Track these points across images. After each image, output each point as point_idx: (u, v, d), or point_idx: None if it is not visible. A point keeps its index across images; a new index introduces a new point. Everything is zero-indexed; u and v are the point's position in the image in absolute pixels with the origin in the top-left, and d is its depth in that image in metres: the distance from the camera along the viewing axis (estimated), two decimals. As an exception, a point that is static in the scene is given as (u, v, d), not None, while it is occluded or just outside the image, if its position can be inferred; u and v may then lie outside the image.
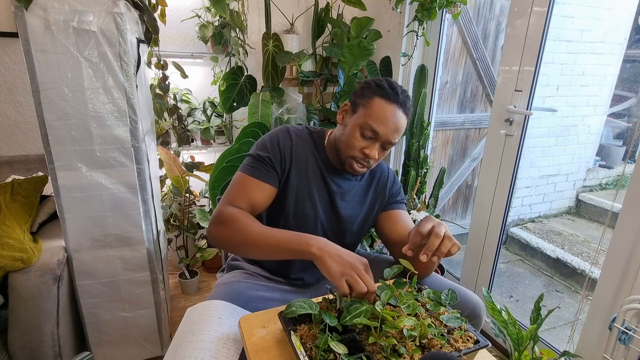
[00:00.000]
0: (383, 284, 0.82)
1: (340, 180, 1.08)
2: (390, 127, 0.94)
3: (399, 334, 0.73)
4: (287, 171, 1.02)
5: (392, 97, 0.95)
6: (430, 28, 1.96)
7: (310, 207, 1.05)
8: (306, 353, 0.68)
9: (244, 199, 0.96)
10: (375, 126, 0.94)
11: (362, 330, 0.75)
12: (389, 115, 0.94)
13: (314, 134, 1.09)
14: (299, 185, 1.03)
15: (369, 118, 0.94)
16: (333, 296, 0.81)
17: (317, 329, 0.73)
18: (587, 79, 2.96)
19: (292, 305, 0.73)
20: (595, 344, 1.27)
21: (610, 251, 1.23)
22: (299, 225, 1.05)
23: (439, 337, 0.73)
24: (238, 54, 2.04)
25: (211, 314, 0.90)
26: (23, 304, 1.22)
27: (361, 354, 0.68)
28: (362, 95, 0.98)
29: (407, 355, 0.69)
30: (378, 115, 0.94)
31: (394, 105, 0.94)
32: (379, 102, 0.95)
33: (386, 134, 0.94)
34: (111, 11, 1.16)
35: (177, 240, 2.06)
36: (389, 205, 1.13)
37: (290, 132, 1.05)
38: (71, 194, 1.27)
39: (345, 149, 0.99)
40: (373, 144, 0.96)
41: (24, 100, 1.89)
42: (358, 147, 0.96)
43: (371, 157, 0.96)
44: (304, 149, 1.05)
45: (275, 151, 1.01)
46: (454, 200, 2.89)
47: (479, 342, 0.75)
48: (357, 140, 0.96)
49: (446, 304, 0.81)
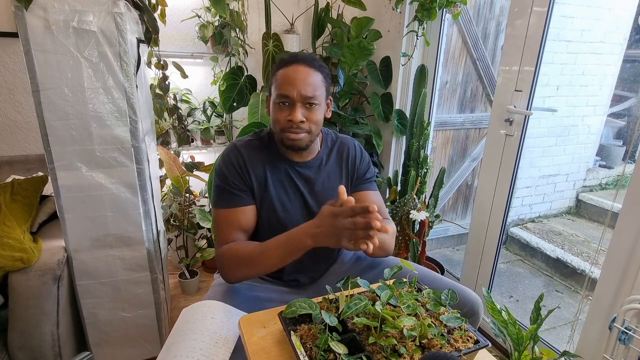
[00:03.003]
0: (383, 284, 0.82)
1: (306, 170, 1.07)
2: (297, 83, 0.94)
3: (399, 334, 0.73)
4: (251, 184, 1.02)
5: (291, 60, 0.97)
6: (430, 28, 1.96)
7: (282, 211, 1.04)
8: (306, 353, 0.68)
9: (232, 231, 0.99)
10: (283, 91, 0.95)
11: (362, 331, 0.75)
12: (291, 74, 0.95)
13: (263, 137, 1.08)
14: (264, 196, 1.03)
15: (278, 89, 0.96)
16: (333, 296, 0.81)
17: (317, 329, 0.73)
18: (587, 79, 2.96)
19: (293, 305, 0.73)
20: (595, 344, 1.27)
21: (610, 251, 1.23)
22: (279, 232, 1.04)
23: (439, 337, 0.73)
24: (238, 54, 2.04)
25: (204, 313, 0.90)
26: (23, 304, 1.22)
27: (361, 354, 0.68)
28: (270, 79, 1.02)
29: (407, 355, 0.69)
30: (283, 80, 0.96)
31: (294, 65, 0.96)
32: (280, 73, 0.97)
33: (295, 91, 0.94)
34: (111, 11, 1.16)
35: (177, 240, 2.06)
36: (358, 186, 1.14)
37: (238, 147, 1.03)
38: (71, 194, 1.27)
39: (275, 128, 1.00)
40: (292, 108, 0.96)
41: (24, 100, 1.89)
42: (282, 119, 0.97)
43: (294, 120, 0.95)
44: (257, 156, 1.04)
45: (232, 172, 1.00)
46: (454, 200, 2.89)
47: (479, 342, 0.75)
48: (278, 114, 0.97)
49: (446, 304, 0.81)
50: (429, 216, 1.85)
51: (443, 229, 2.81)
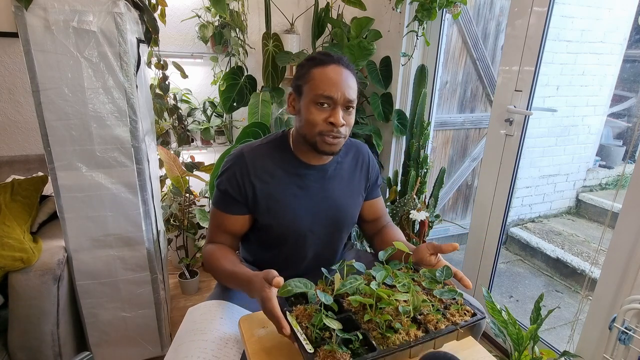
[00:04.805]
0: (378, 265, 0.81)
1: (320, 173, 1.03)
2: (340, 85, 0.90)
3: (394, 312, 0.72)
4: (252, 196, 0.99)
5: (327, 60, 0.93)
6: (430, 28, 1.96)
7: (292, 215, 1.02)
8: (302, 331, 0.68)
9: (221, 233, 1.03)
10: (327, 91, 0.90)
11: (357, 310, 0.75)
12: (332, 75, 0.91)
13: (276, 139, 1.04)
14: (270, 202, 1.00)
15: (316, 89, 0.91)
16: (330, 279, 0.81)
17: (312, 309, 0.73)
18: (587, 79, 2.96)
19: (288, 284, 0.71)
20: (595, 344, 1.27)
21: (610, 251, 1.23)
22: (287, 238, 1.04)
23: (435, 312, 0.73)
24: (238, 54, 2.04)
25: (213, 314, 0.90)
26: (23, 304, 1.22)
27: (356, 332, 0.68)
28: (300, 77, 0.95)
29: (403, 330, 0.69)
30: (323, 80, 0.91)
31: (332, 65, 0.92)
32: (318, 72, 0.92)
33: (340, 92, 0.90)
34: (111, 11, 1.16)
35: (177, 240, 2.06)
36: (369, 194, 1.15)
37: (245, 156, 1.00)
38: (71, 194, 1.27)
39: (309, 131, 0.93)
40: (333, 110, 0.91)
41: (24, 100, 1.89)
42: (320, 120, 0.91)
43: (337, 123, 0.91)
44: (265, 163, 1.00)
45: (233, 182, 0.98)
46: (454, 200, 2.89)
47: (475, 314, 0.74)
48: (317, 115, 0.91)
49: (441, 280, 0.80)
50: (429, 216, 1.85)
51: (443, 229, 2.81)
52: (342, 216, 1.08)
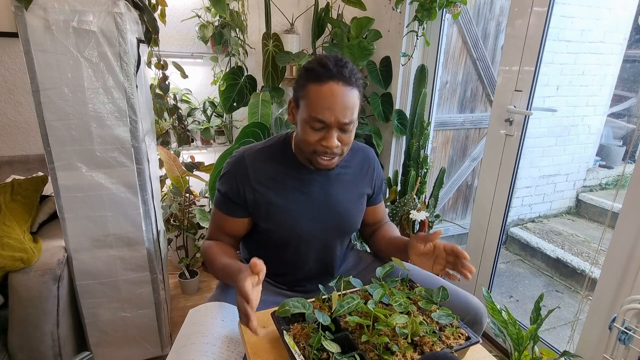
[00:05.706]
0: (375, 282, 0.82)
1: (324, 177, 1.02)
2: (335, 108, 0.84)
3: (391, 332, 0.73)
4: (252, 200, 0.98)
5: (325, 75, 0.84)
6: (430, 28, 1.95)
7: (293, 216, 1.00)
8: (300, 352, 0.68)
9: (220, 232, 1.04)
10: (320, 114, 0.85)
11: (354, 329, 0.76)
12: (327, 96, 0.84)
13: (278, 142, 1.02)
14: (271, 204, 0.98)
15: (310, 110, 0.86)
16: (326, 296, 0.82)
17: (310, 328, 0.73)
18: (587, 79, 2.96)
19: (286, 304, 0.73)
20: (595, 344, 1.27)
21: (610, 251, 1.23)
22: (288, 243, 1.03)
23: (431, 334, 0.73)
24: (238, 54, 2.04)
25: (214, 315, 0.89)
26: (23, 304, 1.22)
27: (354, 353, 0.68)
28: (298, 87, 0.91)
29: (400, 352, 0.69)
30: (316, 103, 0.85)
31: (330, 83, 0.84)
32: (313, 89, 0.85)
33: (334, 116, 0.85)
34: (111, 11, 1.16)
35: (177, 240, 2.06)
36: (372, 200, 1.14)
37: (246, 159, 0.98)
38: (71, 194, 1.27)
39: (305, 148, 0.92)
40: (327, 133, 0.87)
41: (24, 100, 1.89)
42: (314, 142, 0.89)
43: (330, 147, 0.87)
44: (266, 167, 0.99)
45: (233, 184, 0.98)
46: (454, 200, 2.89)
47: (470, 338, 0.75)
48: (310, 135, 0.88)
49: (437, 301, 0.82)
50: (429, 216, 1.85)
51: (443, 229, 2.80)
52: (345, 221, 1.06)
